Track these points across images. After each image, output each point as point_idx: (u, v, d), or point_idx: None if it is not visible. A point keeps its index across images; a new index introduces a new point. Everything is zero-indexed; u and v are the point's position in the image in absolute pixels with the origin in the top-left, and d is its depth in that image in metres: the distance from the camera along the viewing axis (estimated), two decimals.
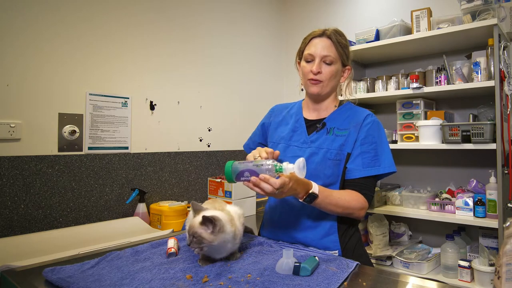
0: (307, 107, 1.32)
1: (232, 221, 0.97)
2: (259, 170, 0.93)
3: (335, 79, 1.24)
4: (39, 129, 1.73)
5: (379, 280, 0.93)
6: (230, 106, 2.73)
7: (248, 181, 0.95)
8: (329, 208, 1.10)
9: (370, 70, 2.70)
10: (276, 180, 0.92)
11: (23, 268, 1.01)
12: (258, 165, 0.94)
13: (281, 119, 1.35)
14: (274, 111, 1.41)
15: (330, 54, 1.19)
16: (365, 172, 1.16)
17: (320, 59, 1.19)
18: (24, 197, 1.67)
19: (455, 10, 2.14)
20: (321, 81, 1.21)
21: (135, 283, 0.85)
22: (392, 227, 2.36)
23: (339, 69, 1.24)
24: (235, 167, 0.96)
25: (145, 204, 2.05)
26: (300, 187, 1.01)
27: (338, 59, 1.21)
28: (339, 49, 1.20)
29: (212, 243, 0.91)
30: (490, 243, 1.93)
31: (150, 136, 2.20)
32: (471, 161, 2.22)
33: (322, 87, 1.22)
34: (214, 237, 0.91)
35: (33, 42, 1.72)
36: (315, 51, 1.20)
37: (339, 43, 1.20)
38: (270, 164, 0.93)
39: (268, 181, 0.92)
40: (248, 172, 0.94)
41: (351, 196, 1.13)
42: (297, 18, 3.17)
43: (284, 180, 0.94)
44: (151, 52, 2.21)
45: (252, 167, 0.94)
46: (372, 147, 1.18)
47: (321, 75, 1.20)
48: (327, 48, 1.19)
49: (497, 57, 1.78)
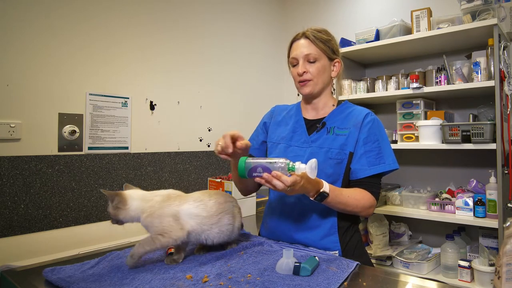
0: (305, 107, 1.33)
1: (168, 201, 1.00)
2: (272, 167, 0.96)
3: (324, 74, 1.24)
4: (39, 129, 1.73)
5: (379, 280, 0.93)
6: (230, 106, 2.73)
7: (260, 177, 0.97)
8: (339, 206, 1.11)
9: (370, 70, 2.70)
10: (288, 177, 0.94)
11: (23, 268, 1.01)
12: (271, 162, 0.96)
13: (281, 120, 1.35)
14: (275, 111, 1.41)
15: (311, 52, 1.20)
16: (371, 170, 1.16)
17: (303, 60, 1.21)
18: (24, 197, 1.67)
19: (455, 10, 2.14)
20: (310, 80, 1.22)
21: (135, 283, 0.85)
22: (392, 227, 2.36)
23: (326, 64, 1.24)
24: (249, 162, 0.99)
25: None
26: (311, 186, 1.03)
27: (322, 55, 1.22)
28: (320, 45, 1.21)
29: (117, 217, 0.97)
30: (490, 243, 1.93)
31: (150, 136, 2.20)
32: (471, 161, 2.22)
33: (312, 86, 1.23)
34: (114, 211, 0.96)
35: (33, 42, 1.72)
36: (297, 53, 1.22)
37: (319, 39, 1.21)
38: (283, 163, 0.95)
39: (280, 178, 0.94)
40: (261, 168, 0.97)
41: (361, 195, 1.14)
42: (297, 18, 3.17)
43: (296, 178, 0.95)
44: (151, 52, 2.21)
45: (266, 164, 0.96)
46: (375, 145, 1.18)
47: (307, 74, 1.21)
48: (307, 47, 1.21)
49: (497, 57, 1.77)
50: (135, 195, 0.99)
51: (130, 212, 0.97)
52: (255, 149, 1.37)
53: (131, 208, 0.97)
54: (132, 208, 0.97)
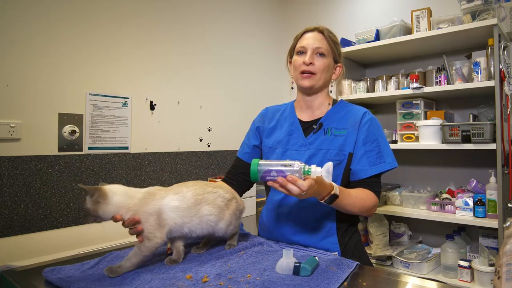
0: (299, 107, 1.30)
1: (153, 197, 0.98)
2: (287, 171, 0.92)
3: (327, 73, 1.24)
4: (39, 129, 1.73)
5: (379, 280, 0.93)
6: (230, 106, 2.73)
7: (274, 180, 0.93)
8: (346, 208, 1.10)
9: (370, 70, 2.70)
10: (304, 182, 0.91)
11: (23, 268, 1.01)
12: (286, 165, 0.93)
13: (275, 124, 1.32)
14: (266, 114, 1.37)
15: (322, 46, 1.20)
16: (373, 170, 1.16)
17: (312, 51, 1.20)
18: (24, 197, 1.67)
19: (455, 10, 2.14)
20: (314, 74, 1.20)
21: (135, 283, 0.85)
22: (392, 227, 2.36)
23: (331, 64, 1.24)
24: (262, 165, 0.95)
25: None
26: (323, 189, 1.01)
27: (330, 53, 1.23)
28: (331, 44, 1.22)
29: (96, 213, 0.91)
30: (490, 243, 1.93)
31: (150, 136, 2.20)
32: (471, 161, 2.22)
33: (314, 80, 1.21)
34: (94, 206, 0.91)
35: (33, 42, 1.72)
36: (308, 43, 1.21)
37: (331, 39, 1.23)
38: (299, 166, 0.92)
39: (295, 182, 0.91)
40: (275, 171, 0.93)
41: (366, 195, 1.14)
42: (297, 18, 3.17)
43: (311, 182, 0.93)
44: (151, 52, 2.21)
45: (280, 167, 0.93)
46: (375, 145, 1.18)
47: (313, 67, 1.20)
48: (319, 41, 1.21)
49: (497, 57, 1.78)
50: (116, 189, 0.96)
51: (110, 207, 0.92)
52: (246, 153, 1.34)
53: (111, 202, 0.92)
54: (112, 203, 0.92)
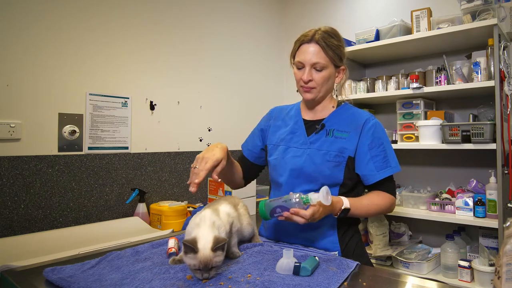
0: (305, 108, 1.33)
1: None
2: (289, 205, 1.02)
3: (328, 83, 1.22)
4: (39, 129, 1.73)
5: (379, 280, 0.93)
6: (230, 106, 2.73)
7: (281, 215, 1.03)
8: (363, 215, 1.18)
9: (370, 70, 2.70)
10: (306, 211, 1.00)
11: (23, 268, 1.01)
12: (286, 200, 1.02)
13: (281, 122, 1.35)
14: (273, 114, 1.40)
15: (319, 61, 1.16)
16: (380, 175, 1.19)
17: (310, 67, 1.18)
18: (24, 197, 1.66)
19: (455, 10, 2.14)
20: (314, 88, 1.20)
21: (135, 283, 0.85)
22: (392, 227, 2.36)
23: (332, 72, 1.21)
24: (268, 205, 1.07)
25: (145, 204, 2.05)
26: (332, 208, 1.08)
27: (329, 63, 1.19)
28: (329, 53, 1.17)
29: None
30: (490, 243, 1.93)
31: (150, 136, 2.20)
32: (471, 161, 2.22)
33: (315, 93, 1.22)
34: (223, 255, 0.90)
35: (33, 42, 1.72)
36: (304, 58, 1.17)
37: (329, 46, 1.16)
38: (298, 198, 1.01)
39: (298, 213, 1.00)
40: (279, 208, 1.04)
41: (379, 198, 1.19)
42: (297, 18, 3.17)
43: (313, 209, 1.01)
44: (151, 52, 2.21)
45: (282, 203, 1.03)
46: (380, 149, 1.20)
47: (312, 82, 1.20)
48: (316, 55, 1.16)
49: (497, 57, 1.78)
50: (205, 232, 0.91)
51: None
52: (249, 150, 1.39)
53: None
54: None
